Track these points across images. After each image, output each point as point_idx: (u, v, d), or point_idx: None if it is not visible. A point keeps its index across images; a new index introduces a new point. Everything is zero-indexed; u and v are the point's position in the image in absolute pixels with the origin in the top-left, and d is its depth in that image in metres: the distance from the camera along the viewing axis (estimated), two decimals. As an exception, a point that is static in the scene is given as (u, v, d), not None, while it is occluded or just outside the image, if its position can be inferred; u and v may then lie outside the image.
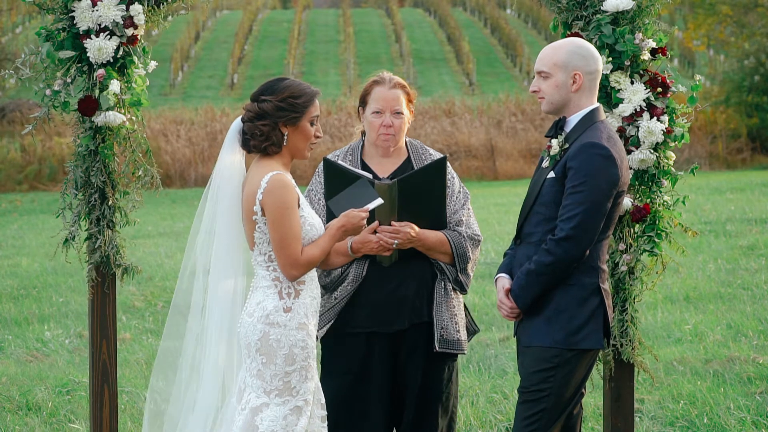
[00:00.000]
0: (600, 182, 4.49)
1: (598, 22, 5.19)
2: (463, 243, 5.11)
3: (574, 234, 4.47)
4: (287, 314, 4.50)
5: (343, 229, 4.61)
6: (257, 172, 4.52)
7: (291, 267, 4.48)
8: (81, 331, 9.61)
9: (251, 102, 4.56)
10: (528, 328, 4.65)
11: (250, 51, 44.77)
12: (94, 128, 5.34)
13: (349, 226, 4.62)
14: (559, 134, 4.64)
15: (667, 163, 5.25)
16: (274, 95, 4.52)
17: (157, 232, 16.88)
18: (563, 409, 4.61)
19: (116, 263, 5.42)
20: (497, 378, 7.80)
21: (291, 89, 4.53)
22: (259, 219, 4.50)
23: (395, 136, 5.15)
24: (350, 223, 4.62)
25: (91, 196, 5.38)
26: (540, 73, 4.67)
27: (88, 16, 5.27)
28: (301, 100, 4.53)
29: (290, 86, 4.54)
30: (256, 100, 4.54)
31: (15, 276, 12.57)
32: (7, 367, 8.48)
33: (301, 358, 4.51)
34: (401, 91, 5.16)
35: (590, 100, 4.66)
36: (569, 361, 4.56)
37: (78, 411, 7.21)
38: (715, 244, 13.05)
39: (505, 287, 4.69)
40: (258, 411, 4.49)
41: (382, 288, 5.06)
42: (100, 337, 5.47)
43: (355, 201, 4.71)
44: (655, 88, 5.21)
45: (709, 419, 6.70)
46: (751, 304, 9.89)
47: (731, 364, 7.91)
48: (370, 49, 44.78)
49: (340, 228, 4.60)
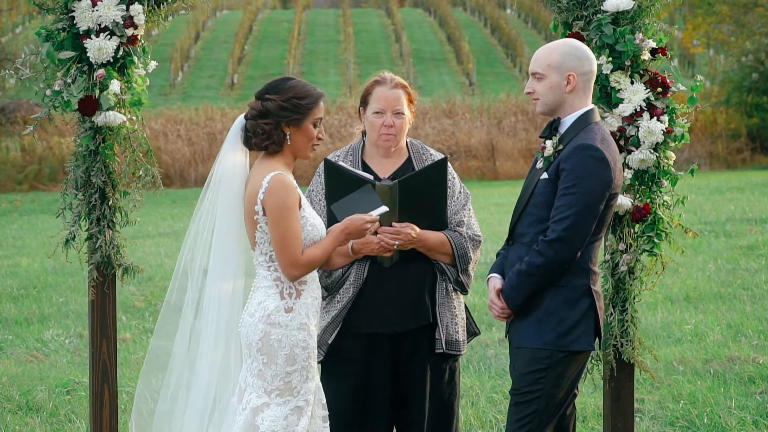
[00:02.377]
0: (593, 184, 4.48)
1: (599, 22, 5.19)
2: (464, 244, 5.11)
3: (566, 235, 4.47)
4: (288, 314, 4.50)
5: (347, 232, 4.61)
6: (259, 171, 4.52)
7: (291, 267, 4.48)
8: (81, 331, 9.61)
9: (255, 100, 4.56)
10: (519, 330, 4.65)
11: (250, 51, 44.77)
12: (95, 128, 5.34)
13: (352, 230, 4.61)
14: (554, 135, 4.64)
15: (667, 163, 5.25)
16: (279, 95, 4.52)
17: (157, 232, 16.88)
18: (555, 411, 4.61)
19: (117, 263, 5.42)
20: (497, 378, 7.80)
21: (296, 90, 4.53)
22: (260, 219, 4.50)
23: (396, 136, 5.14)
24: (354, 226, 4.61)
25: (92, 196, 5.38)
26: (534, 74, 4.66)
27: (88, 16, 5.27)
28: (305, 101, 4.53)
29: (295, 87, 4.54)
30: (261, 98, 4.55)
31: (15, 276, 12.57)
32: (7, 367, 8.48)
33: (302, 359, 4.51)
34: (402, 91, 5.16)
35: (585, 101, 4.65)
36: (560, 363, 4.56)
37: (78, 411, 7.21)
38: (715, 244, 13.05)
39: (496, 287, 4.69)
40: (259, 411, 4.49)
41: (384, 289, 5.06)
42: (100, 337, 5.47)
43: (359, 207, 4.71)
44: (655, 88, 5.21)
45: (709, 419, 6.70)
46: (751, 304, 9.89)
47: (731, 364, 7.91)
48: (370, 49, 44.78)
49: (343, 231, 4.60)
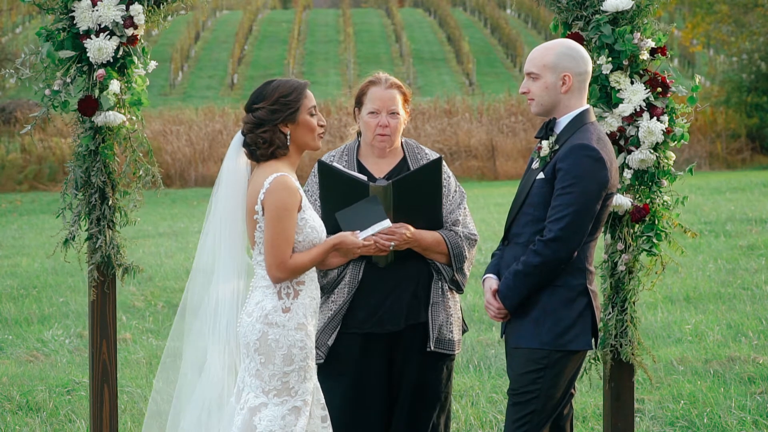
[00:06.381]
0: (589, 184, 4.49)
1: (598, 22, 5.19)
2: (460, 243, 5.11)
3: (563, 235, 4.48)
4: (286, 314, 4.50)
5: (337, 248, 4.64)
6: (262, 172, 4.53)
7: (276, 269, 4.48)
8: (81, 331, 9.61)
9: (246, 114, 4.57)
10: (515, 330, 4.65)
11: (250, 51, 44.77)
12: (94, 128, 5.35)
13: (342, 248, 4.65)
14: (549, 135, 4.64)
15: (667, 163, 5.25)
16: (266, 100, 4.53)
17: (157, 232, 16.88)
18: (553, 410, 4.62)
19: (117, 263, 5.42)
20: (497, 378, 7.80)
21: (280, 89, 4.54)
22: (260, 218, 4.50)
23: (391, 137, 5.14)
24: (345, 246, 4.64)
25: (92, 196, 5.38)
26: (529, 75, 4.66)
27: (88, 16, 5.27)
28: (292, 96, 4.54)
29: (278, 87, 4.55)
30: (250, 110, 4.56)
31: (15, 276, 12.57)
32: (7, 367, 8.48)
33: (299, 359, 4.51)
34: (397, 91, 5.16)
35: (580, 101, 4.65)
36: (557, 363, 4.56)
37: (78, 411, 7.21)
38: (715, 244, 13.05)
39: (492, 288, 4.69)
40: (256, 411, 4.49)
41: (379, 289, 5.06)
42: (100, 337, 5.48)
43: (364, 218, 4.75)
44: (655, 88, 5.21)
45: (709, 419, 6.70)
46: (751, 304, 9.89)
47: (731, 364, 7.91)
48: (370, 49, 44.77)
49: (335, 245, 4.62)
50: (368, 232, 4.73)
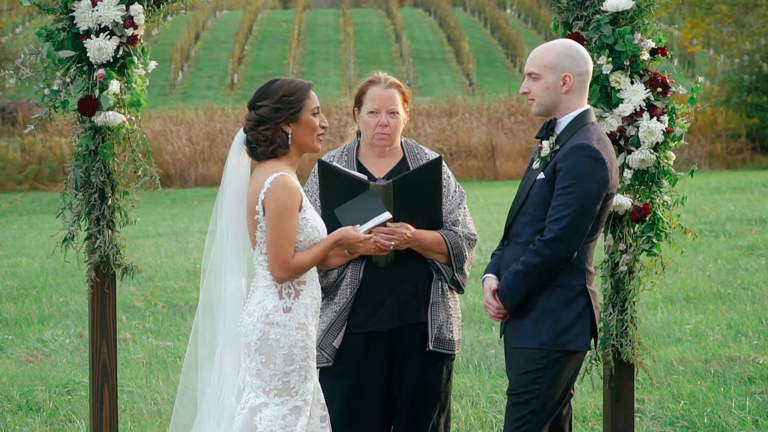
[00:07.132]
0: (590, 184, 4.49)
1: (598, 22, 5.19)
2: (460, 242, 5.11)
3: (563, 235, 4.48)
4: (287, 314, 4.51)
5: (339, 243, 4.63)
6: (262, 172, 4.53)
7: (279, 269, 4.48)
8: (81, 331, 9.61)
9: (249, 111, 4.57)
10: (515, 330, 4.65)
11: (250, 51, 44.77)
12: (94, 128, 5.35)
13: (344, 243, 4.64)
14: (550, 136, 4.64)
15: (667, 163, 5.25)
16: (269, 98, 4.54)
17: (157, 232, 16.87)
18: (552, 411, 4.62)
19: (116, 263, 5.42)
20: (497, 378, 7.80)
21: (284, 88, 4.54)
22: (260, 218, 4.51)
23: (391, 136, 5.15)
24: (347, 240, 4.63)
25: (91, 196, 5.38)
26: (530, 75, 4.66)
27: (88, 16, 5.27)
28: (295, 96, 4.54)
29: (283, 86, 4.55)
30: (253, 108, 4.56)
31: (15, 276, 12.57)
32: (7, 367, 8.48)
33: (300, 359, 4.51)
34: (397, 90, 5.17)
35: (581, 101, 4.65)
36: (557, 363, 4.56)
37: (78, 411, 7.21)
38: (714, 244, 13.05)
39: (492, 287, 4.69)
40: (257, 411, 4.49)
41: (380, 289, 5.06)
42: (100, 337, 5.48)
43: (362, 212, 4.73)
44: (655, 88, 5.21)
45: (710, 419, 6.70)
46: (751, 304, 9.89)
47: (731, 364, 7.91)
48: (370, 49, 44.77)
49: (336, 241, 4.62)
50: (368, 225, 4.72)
